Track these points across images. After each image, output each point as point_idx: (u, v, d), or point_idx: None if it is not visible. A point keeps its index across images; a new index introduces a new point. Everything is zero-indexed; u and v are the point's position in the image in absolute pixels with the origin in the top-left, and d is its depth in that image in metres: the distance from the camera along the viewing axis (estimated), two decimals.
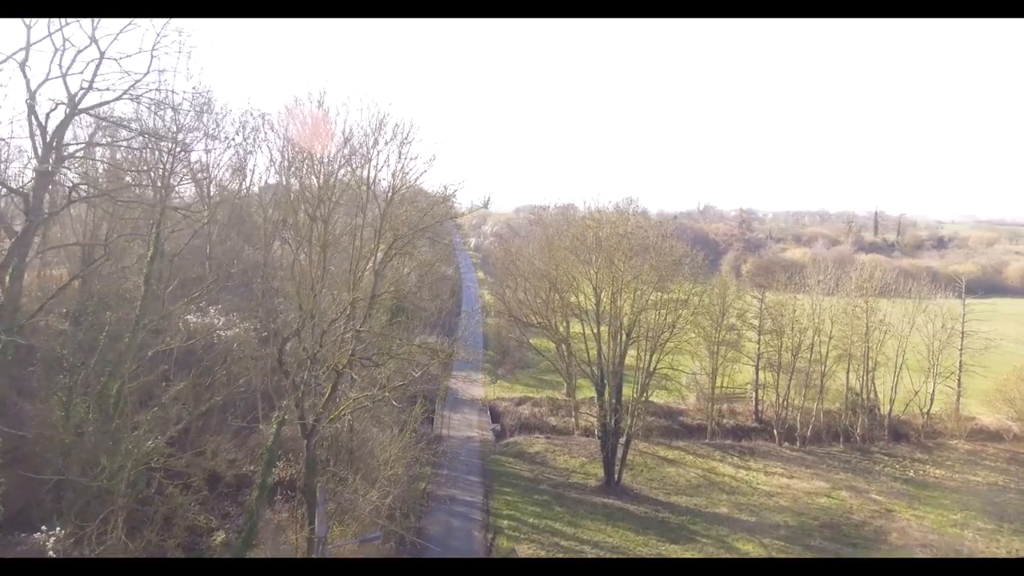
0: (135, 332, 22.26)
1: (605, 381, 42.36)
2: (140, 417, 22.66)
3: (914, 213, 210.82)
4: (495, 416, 57.84)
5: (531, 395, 62.85)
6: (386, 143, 22.84)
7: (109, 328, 22.22)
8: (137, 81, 20.15)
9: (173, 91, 23.01)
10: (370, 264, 24.37)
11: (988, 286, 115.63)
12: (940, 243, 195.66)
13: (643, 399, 44.38)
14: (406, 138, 23.11)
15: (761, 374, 58.49)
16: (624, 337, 40.49)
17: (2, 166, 37.48)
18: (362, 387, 26.85)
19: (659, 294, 42.73)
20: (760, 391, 58.99)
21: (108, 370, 20.97)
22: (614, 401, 41.97)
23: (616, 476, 43.23)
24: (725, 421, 57.38)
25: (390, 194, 23.60)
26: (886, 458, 52.25)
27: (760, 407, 59.80)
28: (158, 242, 23.62)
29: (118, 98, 21.43)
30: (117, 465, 20.10)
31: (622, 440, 43.93)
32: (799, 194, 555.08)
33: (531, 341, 65.54)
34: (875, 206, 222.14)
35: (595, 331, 41.83)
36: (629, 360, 45.19)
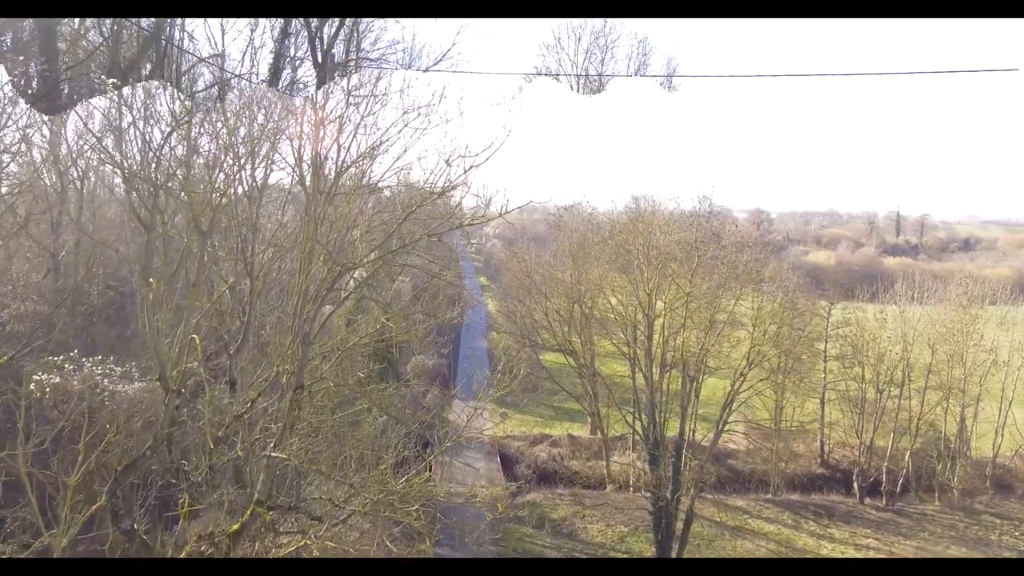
0: None
1: (659, 441, 31.65)
2: None
3: (919, 212, 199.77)
4: (506, 461, 47.42)
5: (548, 432, 52.56)
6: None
7: None
8: None
9: None
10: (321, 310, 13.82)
11: None
12: (966, 245, 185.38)
13: (704, 459, 33.75)
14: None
15: (827, 408, 48.23)
16: (691, 385, 29.97)
17: None
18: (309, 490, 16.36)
19: (730, 318, 32.22)
20: (827, 429, 48.70)
21: None
22: (671, 470, 31.27)
23: None
24: (786, 467, 46.91)
25: (331, 180, 12.49)
26: (997, 520, 41.69)
27: (826, 448, 49.47)
28: None
29: None
30: None
31: (678, 502, 33.39)
32: (804, 194, 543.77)
33: (544, 361, 55.51)
34: (896, 206, 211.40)
35: (649, 374, 31.08)
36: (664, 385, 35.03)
